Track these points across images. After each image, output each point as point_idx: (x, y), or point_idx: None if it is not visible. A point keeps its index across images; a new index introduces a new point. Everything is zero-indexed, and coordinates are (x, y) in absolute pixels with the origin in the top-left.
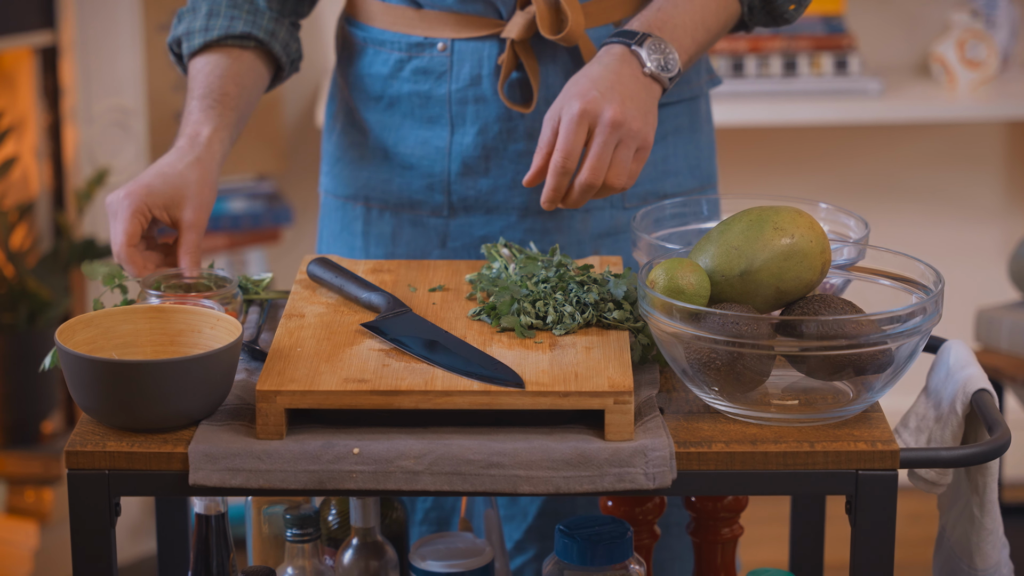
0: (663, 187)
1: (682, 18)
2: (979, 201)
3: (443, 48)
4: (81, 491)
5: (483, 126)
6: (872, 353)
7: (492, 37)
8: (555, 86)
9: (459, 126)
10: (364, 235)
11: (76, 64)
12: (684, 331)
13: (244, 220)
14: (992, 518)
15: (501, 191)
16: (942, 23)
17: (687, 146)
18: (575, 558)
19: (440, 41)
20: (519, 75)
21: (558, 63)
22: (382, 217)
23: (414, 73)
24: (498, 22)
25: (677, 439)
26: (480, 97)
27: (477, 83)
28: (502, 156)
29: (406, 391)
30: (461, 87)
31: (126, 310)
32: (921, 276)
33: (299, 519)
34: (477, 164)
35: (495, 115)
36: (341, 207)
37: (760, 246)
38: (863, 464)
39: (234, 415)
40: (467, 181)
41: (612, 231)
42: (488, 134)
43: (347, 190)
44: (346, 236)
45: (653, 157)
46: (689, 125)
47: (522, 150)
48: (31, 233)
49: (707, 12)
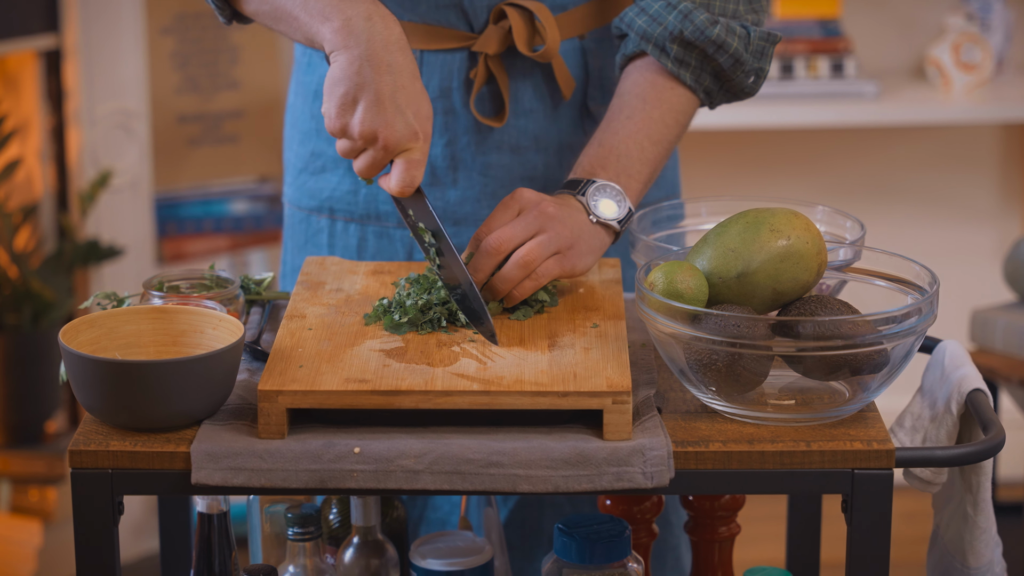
0: None
1: (625, 145)
2: (974, 203)
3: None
4: (84, 490)
5: (451, 137)
6: (868, 353)
7: (462, 49)
8: (524, 100)
9: None
10: (329, 247)
11: (79, 67)
12: (683, 332)
13: (246, 222)
14: (986, 517)
15: (469, 202)
16: (937, 26)
17: None
18: (574, 556)
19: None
20: (489, 88)
21: (528, 78)
22: (347, 229)
23: None
24: (469, 35)
25: (675, 438)
26: (449, 109)
27: (446, 95)
28: (471, 168)
29: (406, 391)
30: (430, 99)
31: (129, 311)
32: (916, 277)
33: (300, 518)
34: (445, 175)
35: (464, 127)
36: (305, 219)
37: (757, 248)
38: (859, 463)
39: (236, 415)
40: (435, 192)
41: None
42: (457, 145)
43: (311, 202)
44: (311, 248)
45: None
46: None
47: (491, 162)
48: (35, 234)
49: (651, 125)
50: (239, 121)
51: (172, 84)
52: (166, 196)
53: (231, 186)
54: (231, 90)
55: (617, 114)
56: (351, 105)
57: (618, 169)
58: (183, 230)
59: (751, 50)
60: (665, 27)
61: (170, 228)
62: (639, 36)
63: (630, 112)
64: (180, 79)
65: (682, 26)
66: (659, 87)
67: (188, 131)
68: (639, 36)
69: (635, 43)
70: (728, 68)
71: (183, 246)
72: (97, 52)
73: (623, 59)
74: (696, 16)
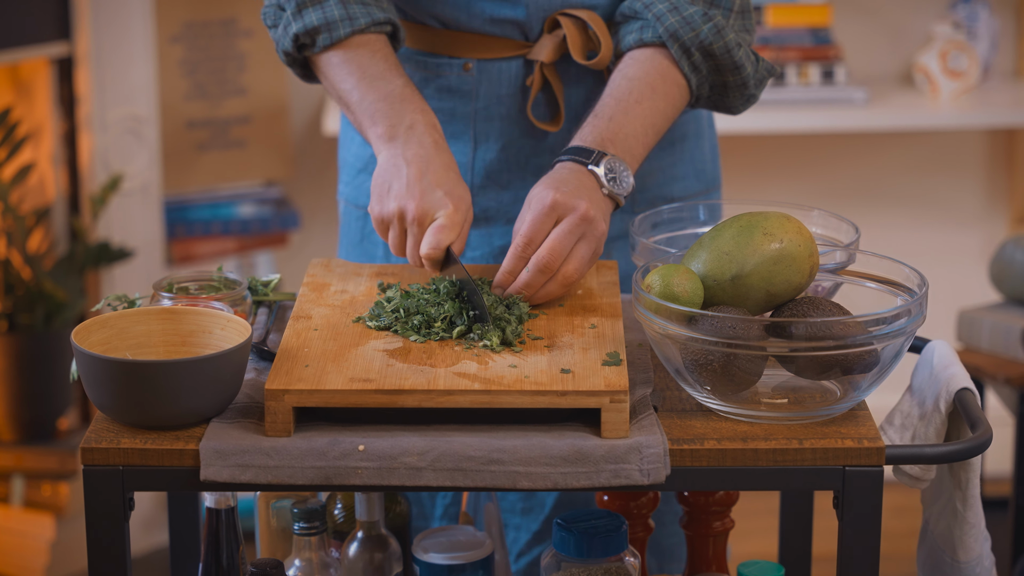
0: (671, 191)
1: (633, 126)
2: (961, 206)
3: (468, 68)
4: (96, 486)
5: (507, 142)
6: (859, 353)
7: (517, 57)
8: (578, 107)
9: (482, 142)
10: (386, 245)
11: (91, 74)
12: (679, 333)
13: (253, 224)
14: (974, 512)
15: (523, 202)
16: (925, 35)
17: (692, 151)
18: (572, 550)
19: (466, 60)
20: (544, 94)
21: (581, 84)
22: None
23: (438, 91)
24: (524, 43)
25: (671, 436)
26: (505, 115)
27: (502, 102)
28: (525, 170)
29: (409, 390)
30: (486, 105)
31: (140, 312)
32: (906, 279)
33: (306, 513)
34: (500, 177)
35: (519, 132)
36: (363, 217)
37: (750, 251)
38: (850, 460)
39: (244, 413)
40: (489, 193)
41: (623, 234)
42: (511, 149)
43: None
44: (367, 245)
45: (661, 163)
46: (694, 131)
47: (545, 164)
48: (47, 237)
49: (656, 115)
50: (246, 127)
51: (181, 90)
52: (175, 199)
53: (238, 190)
54: (238, 96)
55: (627, 95)
56: (387, 193)
57: (624, 148)
58: (192, 233)
59: (756, 77)
60: (697, 35)
61: (179, 231)
62: (668, 33)
63: (639, 97)
64: (189, 86)
65: (713, 39)
66: (667, 80)
67: (196, 136)
68: (668, 33)
69: (660, 36)
70: (733, 88)
71: (192, 248)
72: (108, 59)
73: (638, 42)
74: (727, 33)
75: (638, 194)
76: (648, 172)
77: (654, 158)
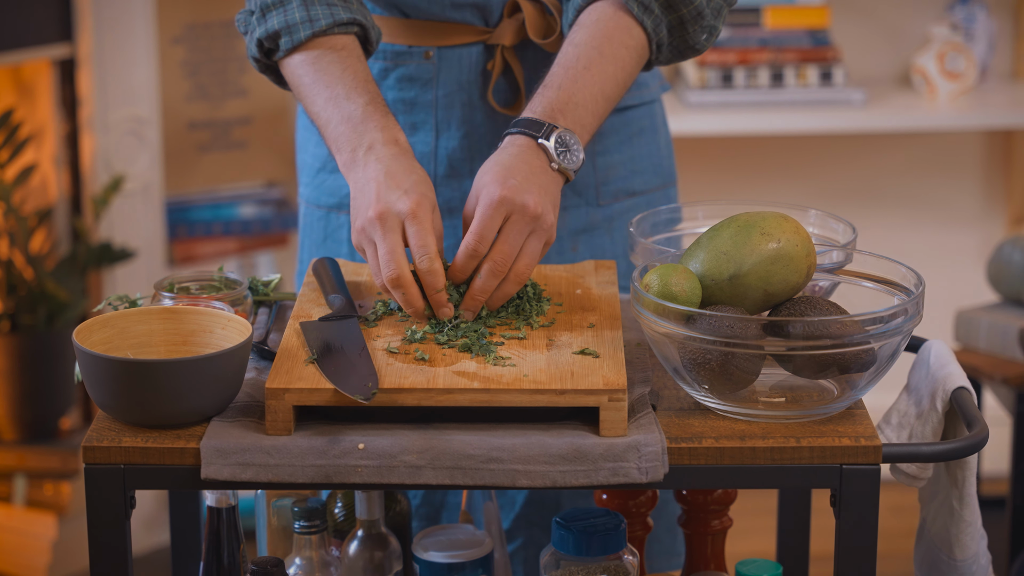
0: (632, 185)
1: (583, 95)
2: (958, 206)
3: (428, 56)
4: (98, 485)
5: (469, 129)
6: (856, 352)
7: (477, 43)
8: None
9: (444, 130)
10: (349, 242)
11: (93, 75)
12: (677, 332)
13: (254, 225)
14: (971, 511)
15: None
16: (923, 36)
17: (649, 146)
18: (571, 549)
19: (427, 49)
20: (505, 79)
21: (542, 67)
22: None
23: (399, 81)
24: (484, 29)
25: (669, 435)
26: (467, 102)
27: (463, 88)
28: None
29: (409, 389)
30: (447, 93)
31: (141, 311)
32: (903, 279)
33: (306, 511)
34: (462, 166)
35: (481, 117)
36: (324, 216)
37: (748, 251)
38: (847, 459)
39: (244, 412)
40: (452, 183)
41: (588, 227)
42: (474, 136)
43: (331, 199)
44: (330, 244)
45: (622, 157)
46: (650, 127)
47: None
48: (50, 237)
49: (606, 81)
50: (247, 128)
51: (182, 92)
52: (176, 200)
53: (239, 190)
54: (239, 98)
55: (575, 62)
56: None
57: (575, 118)
58: (193, 233)
59: (711, 6)
60: None
61: (180, 231)
62: None
63: (587, 63)
64: (190, 87)
65: None
66: (615, 42)
67: (198, 137)
68: None
69: None
70: (689, 21)
71: (193, 249)
72: (110, 61)
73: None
74: None
75: (602, 187)
76: (611, 165)
77: (616, 151)
